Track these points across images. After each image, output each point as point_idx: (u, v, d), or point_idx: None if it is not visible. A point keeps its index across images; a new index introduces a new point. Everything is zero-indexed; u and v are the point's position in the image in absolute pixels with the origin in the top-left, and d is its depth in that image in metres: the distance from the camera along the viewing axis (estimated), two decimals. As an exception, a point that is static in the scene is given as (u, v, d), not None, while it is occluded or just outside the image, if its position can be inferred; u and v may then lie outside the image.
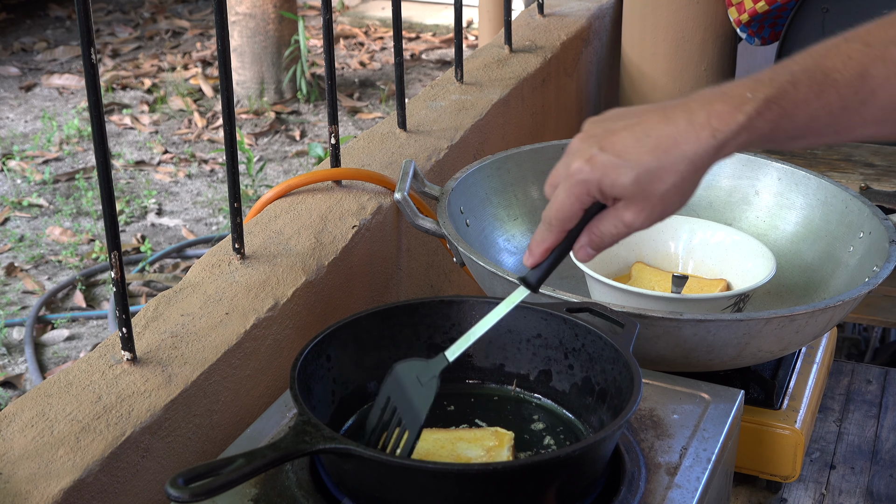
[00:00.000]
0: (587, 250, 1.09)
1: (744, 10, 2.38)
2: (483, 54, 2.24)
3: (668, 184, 1.02)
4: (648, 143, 1.02)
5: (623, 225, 1.05)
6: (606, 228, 1.07)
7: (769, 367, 1.58)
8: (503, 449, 1.18)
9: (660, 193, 1.02)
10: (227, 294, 1.39)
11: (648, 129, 1.03)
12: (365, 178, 1.66)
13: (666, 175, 1.02)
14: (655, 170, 1.02)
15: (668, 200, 1.03)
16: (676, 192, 1.03)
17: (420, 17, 6.86)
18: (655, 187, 1.02)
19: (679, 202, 1.05)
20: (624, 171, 1.02)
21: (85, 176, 4.83)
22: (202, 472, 0.98)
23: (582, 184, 1.05)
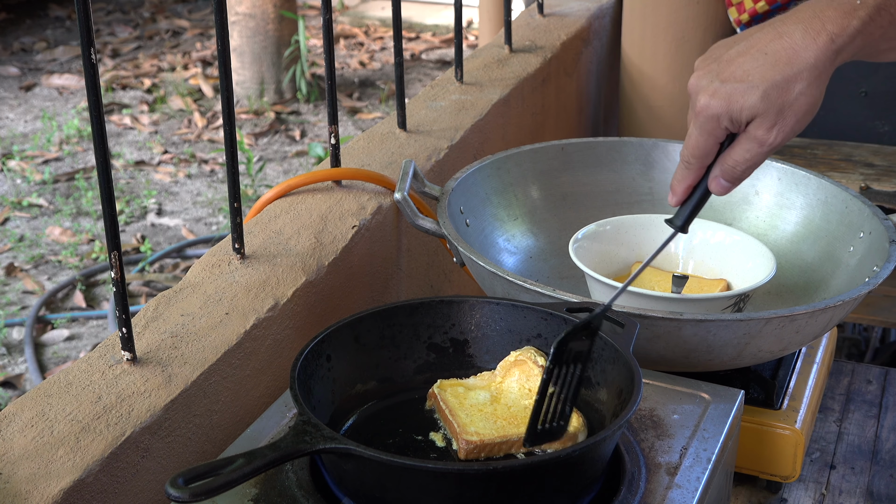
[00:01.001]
0: (720, 181, 1.10)
1: (744, 10, 2.38)
2: (483, 54, 2.24)
3: (796, 92, 1.03)
4: (768, 60, 1.04)
5: (757, 144, 1.06)
6: (739, 154, 1.08)
7: (769, 367, 1.58)
8: None
9: (790, 103, 1.04)
10: (227, 294, 1.39)
11: (763, 47, 1.05)
12: (365, 178, 1.66)
13: (792, 84, 1.03)
14: (781, 82, 1.03)
15: (799, 110, 1.04)
16: (805, 101, 1.04)
17: (420, 17, 6.86)
18: (785, 98, 1.04)
19: (809, 112, 1.05)
20: (750, 93, 1.04)
21: (85, 176, 4.83)
22: (202, 472, 0.98)
23: (712, 118, 1.07)
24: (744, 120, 1.06)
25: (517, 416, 1.20)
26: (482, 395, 1.23)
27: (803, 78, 1.04)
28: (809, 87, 1.04)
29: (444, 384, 1.24)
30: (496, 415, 1.21)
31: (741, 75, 1.05)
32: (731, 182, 1.10)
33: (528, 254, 1.75)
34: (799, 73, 1.04)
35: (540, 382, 1.14)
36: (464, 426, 1.18)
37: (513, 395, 1.23)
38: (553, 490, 1.08)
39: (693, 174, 1.12)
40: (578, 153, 1.83)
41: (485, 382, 1.26)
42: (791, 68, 1.04)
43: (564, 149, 1.82)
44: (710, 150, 1.10)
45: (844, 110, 2.58)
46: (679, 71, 2.45)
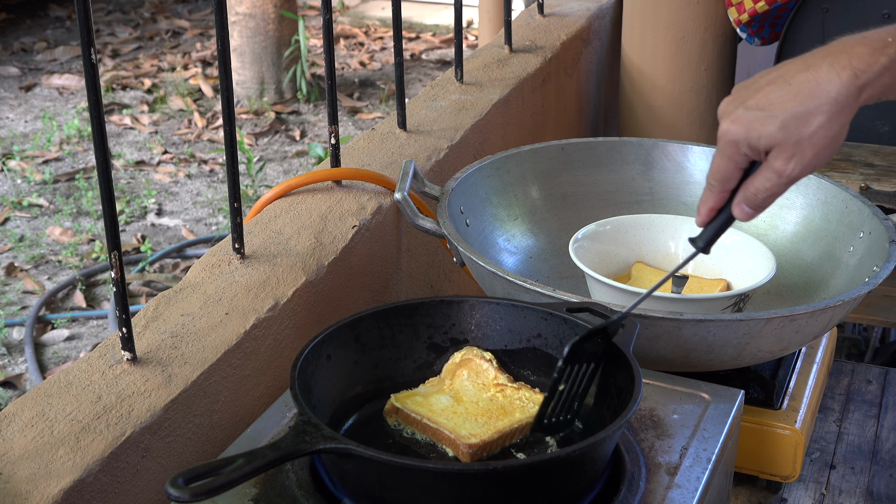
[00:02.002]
0: (743, 207, 1.11)
1: (744, 10, 2.38)
2: (483, 54, 2.24)
3: (815, 125, 1.03)
4: (791, 91, 1.04)
5: (776, 175, 1.07)
6: (760, 183, 1.08)
7: (769, 367, 1.58)
8: None
9: (808, 136, 1.04)
10: (227, 294, 1.39)
11: (790, 77, 1.05)
12: (365, 178, 1.66)
13: (812, 117, 1.03)
14: (801, 114, 1.03)
15: (817, 143, 1.04)
16: (824, 135, 1.04)
17: (420, 17, 6.86)
18: (803, 131, 1.04)
19: (829, 146, 1.05)
20: (769, 121, 1.04)
21: (85, 176, 4.83)
22: (202, 472, 0.98)
23: (731, 143, 1.07)
24: (762, 148, 1.07)
25: (492, 410, 1.21)
26: (443, 398, 1.23)
27: (823, 112, 1.04)
28: (830, 122, 1.04)
29: (399, 397, 1.23)
30: (471, 413, 1.21)
31: (764, 104, 1.06)
32: (754, 209, 1.11)
33: (528, 254, 1.75)
34: (819, 106, 1.04)
35: (551, 381, 1.16)
36: (455, 430, 1.18)
37: (471, 392, 1.24)
38: (553, 490, 1.08)
39: (715, 197, 1.13)
40: (578, 153, 1.83)
41: (436, 387, 1.26)
42: (812, 101, 1.04)
43: (564, 149, 1.82)
44: (731, 175, 1.11)
45: (844, 110, 2.57)
46: (679, 71, 2.45)
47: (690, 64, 2.44)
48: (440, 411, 1.21)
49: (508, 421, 1.20)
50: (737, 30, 2.44)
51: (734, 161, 1.09)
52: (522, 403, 1.23)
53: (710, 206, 1.14)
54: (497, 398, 1.23)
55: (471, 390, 1.25)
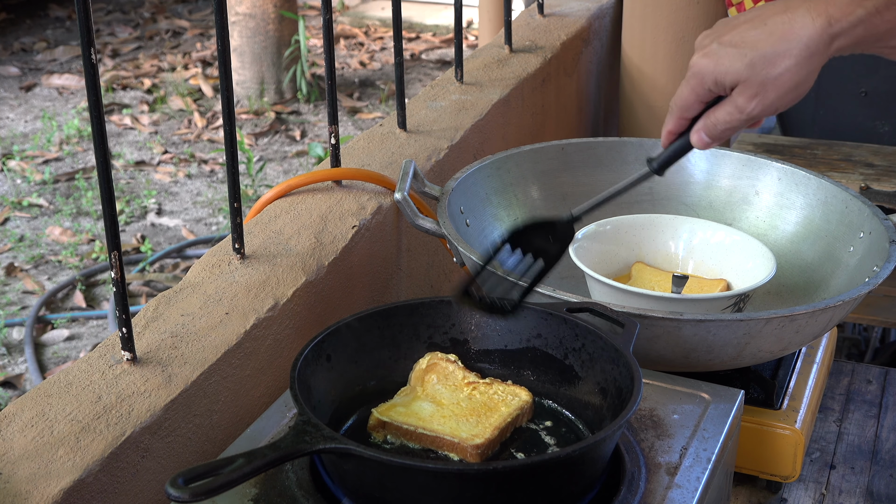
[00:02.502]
0: (700, 135, 1.11)
1: (744, 11, 2.38)
2: (483, 54, 2.24)
3: (781, 68, 1.04)
4: (764, 31, 1.04)
5: (737, 110, 1.07)
6: (721, 115, 1.09)
7: (769, 367, 1.58)
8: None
9: (774, 77, 1.04)
10: (227, 294, 1.39)
11: (765, 18, 1.05)
12: (365, 178, 1.66)
13: (780, 59, 1.04)
14: (770, 54, 1.04)
15: (782, 86, 1.04)
16: (790, 78, 1.04)
17: (420, 17, 6.86)
18: (769, 71, 1.04)
19: (793, 91, 1.05)
20: (738, 58, 1.05)
21: (85, 176, 4.83)
22: (202, 472, 0.98)
23: (697, 75, 1.08)
24: (728, 84, 1.07)
25: (477, 409, 1.21)
26: (425, 405, 1.23)
27: (792, 55, 1.04)
28: (797, 66, 1.04)
29: (381, 410, 1.22)
30: (459, 415, 1.21)
31: (738, 41, 1.06)
32: (711, 138, 1.12)
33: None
34: (789, 49, 1.04)
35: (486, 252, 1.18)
36: (455, 434, 1.17)
37: (447, 395, 1.24)
38: (553, 490, 1.08)
39: (674, 121, 1.14)
40: (578, 153, 1.83)
41: (411, 396, 1.25)
42: (783, 43, 1.04)
43: (564, 149, 1.82)
44: (692, 105, 1.12)
45: (844, 110, 2.58)
46: (679, 71, 2.45)
47: (690, 64, 2.44)
48: (429, 418, 1.20)
49: (499, 416, 1.20)
50: (737, 30, 2.43)
51: (696, 93, 1.10)
52: (501, 397, 1.23)
53: (668, 130, 1.15)
54: (475, 396, 1.23)
55: (446, 393, 1.24)
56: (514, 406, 1.21)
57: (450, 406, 1.22)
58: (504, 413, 1.20)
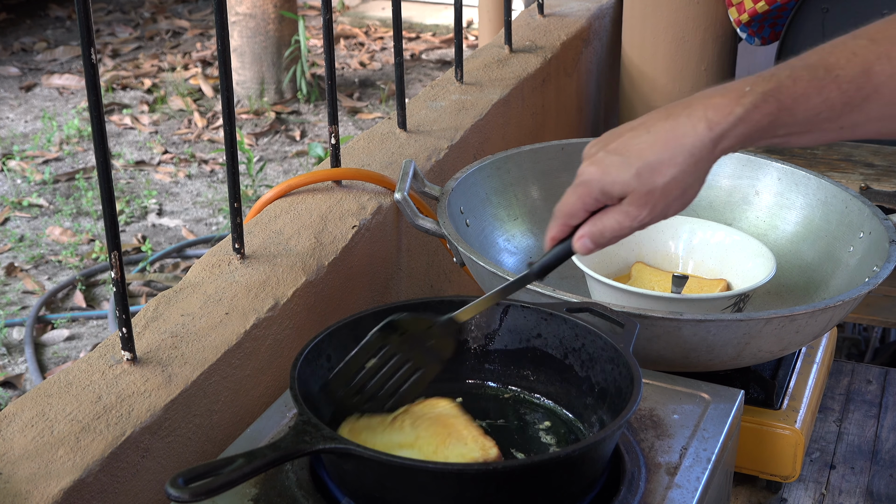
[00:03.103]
0: (585, 241, 1.10)
1: (744, 10, 2.38)
2: (483, 54, 2.24)
3: (668, 176, 1.03)
4: (648, 139, 1.04)
5: (627, 218, 1.06)
6: (608, 222, 1.08)
7: (769, 367, 1.58)
8: None
9: (661, 186, 1.04)
10: (227, 294, 1.39)
11: (650, 126, 1.05)
12: (365, 178, 1.66)
13: (665, 168, 1.03)
14: (655, 163, 1.03)
15: (669, 194, 1.04)
16: (677, 186, 1.04)
17: (420, 17, 6.86)
18: (656, 180, 1.04)
19: (681, 198, 1.05)
20: (625, 168, 1.04)
21: (85, 176, 4.83)
22: (202, 472, 0.98)
23: (585, 184, 1.08)
24: (615, 194, 1.06)
25: (442, 427, 1.19)
26: (400, 436, 1.19)
27: (678, 163, 1.03)
28: (683, 173, 1.03)
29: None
30: (440, 437, 1.18)
31: (623, 149, 1.05)
32: (596, 245, 1.10)
33: (528, 254, 1.75)
34: (674, 157, 1.03)
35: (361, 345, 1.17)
36: (467, 456, 1.16)
37: (406, 429, 1.21)
38: (553, 490, 1.08)
39: (557, 228, 1.12)
40: (578, 153, 1.80)
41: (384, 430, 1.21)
42: (667, 151, 1.03)
43: (564, 149, 1.82)
44: (577, 213, 1.10)
45: (844, 110, 2.57)
46: (679, 71, 2.45)
47: (690, 64, 2.44)
48: (426, 449, 1.18)
49: (467, 424, 1.19)
50: (737, 30, 2.44)
51: (583, 201, 1.08)
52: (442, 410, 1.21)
53: (551, 236, 1.13)
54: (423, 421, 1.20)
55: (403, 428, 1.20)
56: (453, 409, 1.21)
57: (421, 436, 1.19)
58: (464, 420, 1.20)
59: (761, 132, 1.03)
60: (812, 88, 1.01)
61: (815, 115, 1.02)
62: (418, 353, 1.20)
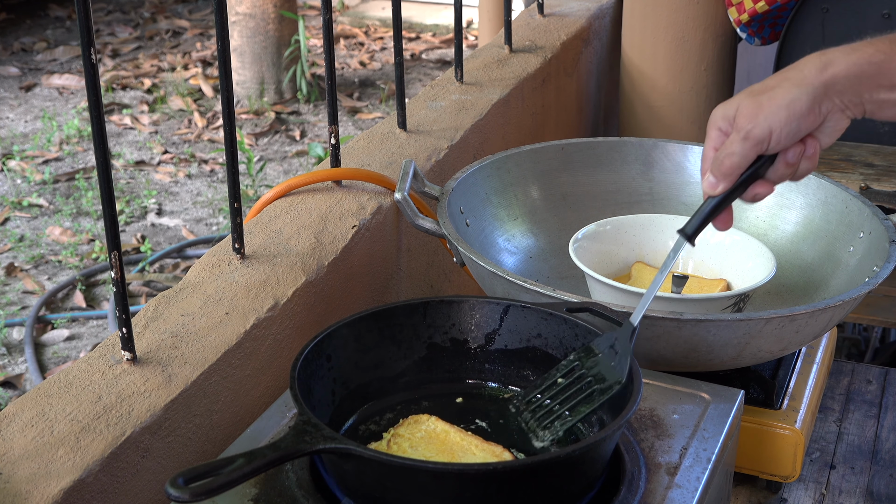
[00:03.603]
0: (707, 178, 1.16)
1: (744, 10, 2.38)
2: (483, 54, 2.24)
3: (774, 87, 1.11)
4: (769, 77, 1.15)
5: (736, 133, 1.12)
6: (725, 146, 1.14)
7: (769, 367, 1.58)
8: None
9: (768, 96, 1.11)
10: (227, 294, 1.39)
11: None
12: (365, 178, 1.66)
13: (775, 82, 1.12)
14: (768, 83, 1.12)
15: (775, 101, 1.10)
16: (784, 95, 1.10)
17: (420, 17, 6.86)
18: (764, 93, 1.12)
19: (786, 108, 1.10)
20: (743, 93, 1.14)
21: (85, 176, 4.83)
22: (202, 472, 0.98)
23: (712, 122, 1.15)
24: (731, 115, 1.14)
25: (454, 448, 1.19)
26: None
27: (786, 77, 1.12)
28: (791, 85, 1.11)
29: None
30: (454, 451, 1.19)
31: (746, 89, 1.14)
32: (715, 175, 1.15)
33: (528, 254, 1.75)
34: (785, 75, 1.12)
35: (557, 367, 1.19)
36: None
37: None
38: (553, 490, 1.08)
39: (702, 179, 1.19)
40: (578, 153, 1.83)
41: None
42: (780, 74, 1.13)
43: (564, 149, 1.82)
44: (708, 154, 1.17)
45: (844, 110, 2.57)
46: (679, 71, 2.45)
47: (690, 64, 2.44)
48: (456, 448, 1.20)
49: (462, 436, 1.19)
50: (737, 30, 2.44)
51: (710, 138, 1.16)
52: (428, 427, 1.21)
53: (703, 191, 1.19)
54: (419, 442, 1.19)
55: (406, 452, 1.19)
56: (437, 423, 1.21)
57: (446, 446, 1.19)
58: (456, 431, 1.20)
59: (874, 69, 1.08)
60: None
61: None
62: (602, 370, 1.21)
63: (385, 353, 1.29)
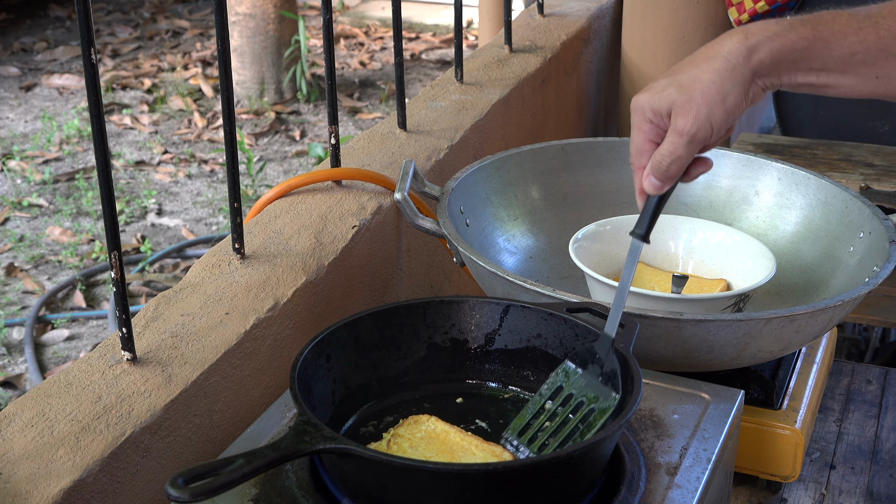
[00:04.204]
0: (650, 179, 1.14)
1: (744, 10, 2.38)
2: (483, 54, 2.24)
3: (705, 82, 1.08)
4: (692, 58, 1.11)
5: (676, 134, 1.10)
6: (663, 148, 1.12)
7: (769, 367, 1.58)
8: None
9: (700, 91, 1.08)
10: (227, 294, 1.39)
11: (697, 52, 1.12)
12: (365, 178, 1.66)
13: (703, 74, 1.08)
14: (695, 73, 1.09)
15: (709, 99, 1.08)
16: (716, 91, 1.08)
17: (420, 17, 6.86)
18: (696, 87, 1.08)
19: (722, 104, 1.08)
20: (669, 84, 1.10)
21: (85, 176, 4.83)
22: (202, 472, 0.98)
23: (637, 110, 1.12)
24: (663, 110, 1.11)
25: (441, 448, 1.20)
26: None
27: (714, 68, 1.09)
28: (721, 77, 1.08)
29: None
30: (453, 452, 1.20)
31: (669, 73, 1.12)
32: (659, 179, 1.14)
33: (528, 254, 1.75)
34: (710, 64, 1.09)
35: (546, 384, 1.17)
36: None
37: None
38: (553, 490, 1.08)
39: (636, 177, 1.16)
40: (578, 153, 1.83)
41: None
42: (705, 62, 1.10)
43: (564, 149, 1.82)
44: (641, 146, 1.14)
45: (844, 110, 2.58)
46: (679, 71, 2.45)
47: (690, 64, 2.44)
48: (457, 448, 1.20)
49: (462, 436, 1.19)
50: (737, 30, 2.44)
51: (642, 130, 1.13)
52: (428, 427, 1.21)
53: (637, 190, 1.17)
54: (419, 443, 1.19)
55: (406, 453, 1.19)
56: (437, 423, 1.21)
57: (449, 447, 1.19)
58: (455, 431, 1.20)
59: (796, 56, 1.07)
60: (850, 28, 1.06)
61: (850, 54, 1.06)
62: (592, 388, 1.20)
63: (385, 354, 1.29)
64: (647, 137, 1.13)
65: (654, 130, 1.13)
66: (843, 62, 1.07)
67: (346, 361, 1.25)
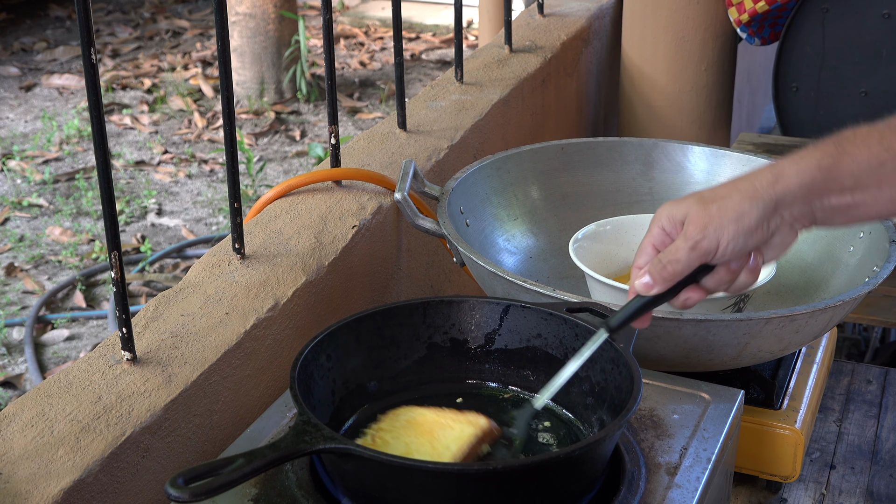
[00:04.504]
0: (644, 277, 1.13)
1: (744, 10, 2.38)
2: (483, 54, 2.24)
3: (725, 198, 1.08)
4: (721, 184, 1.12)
5: (683, 239, 1.09)
6: (667, 248, 1.11)
7: (769, 367, 1.58)
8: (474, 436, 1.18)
9: (717, 206, 1.08)
10: (227, 294, 1.39)
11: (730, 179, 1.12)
12: (365, 178, 1.66)
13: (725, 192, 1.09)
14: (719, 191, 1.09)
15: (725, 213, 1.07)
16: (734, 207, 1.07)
17: (420, 17, 6.86)
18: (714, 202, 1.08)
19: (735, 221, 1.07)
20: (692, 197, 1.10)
21: (85, 176, 4.83)
22: (202, 472, 0.98)
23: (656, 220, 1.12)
24: (679, 219, 1.10)
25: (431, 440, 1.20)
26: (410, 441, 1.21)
27: (738, 189, 1.08)
28: (741, 198, 1.07)
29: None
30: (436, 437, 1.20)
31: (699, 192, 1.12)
32: (653, 277, 1.12)
33: (528, 254, 1.75)
34: (735, 185, 1.09)
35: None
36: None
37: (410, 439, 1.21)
38: (553, 490, 1.08)
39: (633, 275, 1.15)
40: (578, 153, 1.83)
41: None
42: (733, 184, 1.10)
43: (564, 149, 1.82)
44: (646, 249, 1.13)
45: (844, 110, 2.58)
46: (679, 71, 2.45)
47: (690, 64, 2.44)
48: (423, 451, 1.19)
49: (439, 413, 1.20)
50: (737, 30, 2.44)
51: (651, 234, 1.12)
52: (408, 415, 1.21)
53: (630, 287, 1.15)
54: (401, 431, 1.20)
55: (389, 444, 1.19)
56: (416, 409, 1.21)
57: (409, 450, 1.18)
58: (432, 412, 1.20)
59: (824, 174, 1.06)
60: (872, 138, 1.05)
61: (879, 164, 1.05)
62: None
63: (385, 353, 1.29)
64: (652, 241, 1.13)
65: (662, 237, 1.12)
66: (874, 174, 1.05)
67: (346, 361, 1.25)
